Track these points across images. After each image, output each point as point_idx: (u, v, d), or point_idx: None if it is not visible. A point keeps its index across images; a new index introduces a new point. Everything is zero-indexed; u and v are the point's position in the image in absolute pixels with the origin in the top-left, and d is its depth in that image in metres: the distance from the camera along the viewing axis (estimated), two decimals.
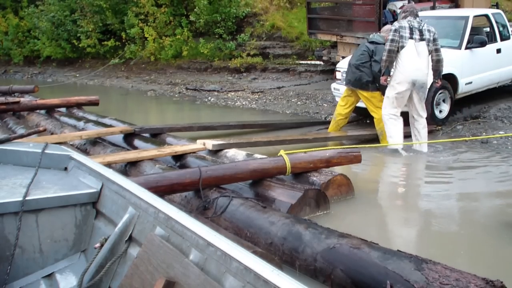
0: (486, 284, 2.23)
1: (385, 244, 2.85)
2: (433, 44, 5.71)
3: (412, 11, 5.83)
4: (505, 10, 10.31)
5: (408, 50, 5.67)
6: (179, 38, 14.40)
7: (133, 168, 4.63)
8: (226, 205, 3.57)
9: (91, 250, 2.24)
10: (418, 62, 5.69)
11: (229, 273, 1.45)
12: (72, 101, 8.35)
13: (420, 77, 5.71)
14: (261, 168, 4.08)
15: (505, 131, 6.61)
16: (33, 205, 2.24)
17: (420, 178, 5.13)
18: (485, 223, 4.00)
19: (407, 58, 5.68)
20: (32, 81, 16.10)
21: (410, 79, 5.70)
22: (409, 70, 5.70)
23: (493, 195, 4.73)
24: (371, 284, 2.51)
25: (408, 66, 5.69)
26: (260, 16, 13.89)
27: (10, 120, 7.32)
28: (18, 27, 18.73)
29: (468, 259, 3.30)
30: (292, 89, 10.81)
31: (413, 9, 5.91)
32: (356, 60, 6.35)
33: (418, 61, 5.68)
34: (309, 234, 2.97)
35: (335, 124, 6.71)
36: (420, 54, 5.67)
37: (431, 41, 5.70)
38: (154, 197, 1.98)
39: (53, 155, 2.66)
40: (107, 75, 15.63)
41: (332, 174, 4.30)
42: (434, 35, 5.71)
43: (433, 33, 5.71)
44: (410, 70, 5.70)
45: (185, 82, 13.10)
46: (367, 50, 6.31)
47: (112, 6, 15.76)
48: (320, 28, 10.64)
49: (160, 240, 1.76)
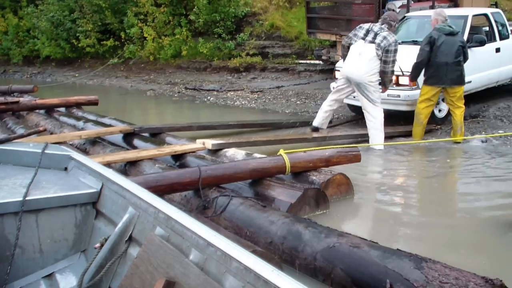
0: (485, 283, 2.23)
1: (384, 243, 2.85)
2: (383, 54, 5.82)
3: (385, 18, 6.12)
4: (504, 9, 10.30)
5: (353, 48, 6.02)
6: (178, 37, 14.40)
7: (132, 167, 4.63)
8: (225, 205, 3.58)
9: (91, 250, 2.24)
10: (356, 61, 5.92)
11: (229, 273, 1.45)
12: (72, 100, 8.34)
13: (354, 75, 5.94)
14: (261, 168, 4.08)
15: (504, 130, 6.61)
16: (33, 205, 2.24)
17: (420, 177, 5.13)
18: (485, 222, 4.00)
19: (349, 55, 6.06)
20: (31, 81, 16.09)
21: (345, 74, 6.08)
22: (346, 66, 6.07)
23: (493, 195, 4.74)
24: (371, 283, 2.51)
25: (347, 63, 6.08)
26: (260, 16, 13.89)
27: (9, 120, 7.31)
28: (17, 27, 18.71)
29: (467, 258, 3.30)
30: (291, 88, 10.81)
31: (387, 17, 6.12)
32: (455, 57, 6.09)
33: (356, 60, 5.93)
34: (308, 233, 2.98)
35: (422, 127, 6.37)
36: (362, 54, 5.89)
37: (382, 49, 5.80)
38: (154, 197, 1.98)
39: (53, 155, 2.66)
40: (106, 74, 15.62)
41: (331, 173, 4.30)
42: (388, 46, 5.82)
43: (388, 44, 5.82)
44: (346, 66, 6.07)
45: (185, 81, 13.10)
46: (461, 45, 6.17)
47: (112, 5, 15.74)
48: (320, 27, 10.63)
49: (160, 240, 1.76)
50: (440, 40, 6.06)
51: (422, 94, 6.27)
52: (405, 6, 9.55)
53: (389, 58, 5.87)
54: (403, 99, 6.66)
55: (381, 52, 5.82)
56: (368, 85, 5.92)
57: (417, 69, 6.25)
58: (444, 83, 6.15)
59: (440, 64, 6.08)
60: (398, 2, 9.95)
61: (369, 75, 5.89)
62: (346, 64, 6.12)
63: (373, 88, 5.96)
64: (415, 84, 6.58)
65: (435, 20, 6.27)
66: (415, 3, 9.99)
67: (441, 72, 6.10)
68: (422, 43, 6.23)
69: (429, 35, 6.16)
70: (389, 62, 5.89)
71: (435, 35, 6.09)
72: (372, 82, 5.94)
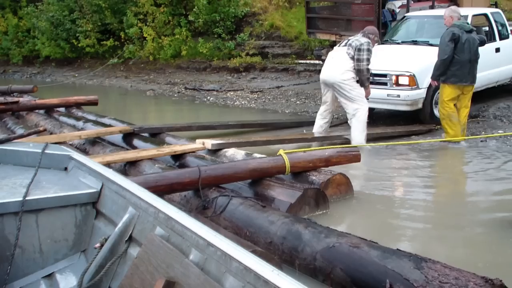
0: (485, 283, 2.23)
1: (384, 243, 2.85)
2: (355, 53, 5.89)
3: (364, 31, 6.19)
4: (504, 9, 10.31)
5: (328, 55, 6.34)
6: (178, 37, 14.41)
7: (132, 167, 4.63)
8: (225, 205, 3.58)
9: (91, 250, 2.24)
10: (330, 64, 6.13)
11: (229, 273, 1.45)
12: (71, 101, 8.34)
13: (327, 77, 6.11)
14: (261, 168, 4.08)
15: (504, 130, 6.62)
16: (33, 205, 2.24)
17: (419, 177, 5.13)
18: (485, 222, 4.01)
19: (325, 62, 6.33)
20: (31, 81, 16.10)
21: (321, 78, 6.26)
22: (322, 72, 6.25)
23: (493, 194, 4.74)
24: (371, 283, 2.51)
25: (322, 69, 6.26)
26: (259, 16, 13.90)
27: (9, 120, 7.31)
28: (17, 27, 18.72)
29: (467, 258, 3.30)
30: (291, 88, 10.81)
31: (366, 30, 6.20)
32: (475, 55, 6.03)
33: (330, 63, 6.14)
34: (308, 233, 2.98)
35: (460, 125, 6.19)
36: (335, 57, 6.09)
37: (353, 48, 5.89)
38: (154, 197, 1.98)
39: (53, 155, 2.66)
40: (106, 74, 15.62)
41: (331, 173, 4.30)
42: (360, 46, 5.90)
43: (360, 44, 5.91)
44: (322, 72, 6.24)
45: (184, 81, 13.10)
46: (479, 43, 6.11)
47: (111, 5, 15.76)
48: (319, 27, 10.64)
49: (160, 240, 1.76)
50: (464, 37, 5.91)
51: (446, 95, 6.07)
52: (405, 6, 9.57)
53: (362, 56, 5.90)
54: (403, 99, 6.66)
55: (353, 51, 5.90)
56: (343, 84, 5.96)
57: (441, 67, 5.99)
58: (467, 81, 6.04)
59: (464, 62, 5.94)
60: (398, 2, 9.97)
61: (341, 73, 5.94)
62: (322, 70, 6.28)
63: (348, 87, 5.97)
64: (415, 84, 6.58)
65: (450, 17, 6.12)
66: (415, 3, 10.01)
67: (464, 70, 5.97)
68: (444, 40, 5.97)
69: (451, 31, 5.94)
70: (362, 60, 5.91)
71: (457, 32, 5.92)
72: (345, 80, 5.96)
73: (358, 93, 6.01)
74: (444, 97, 6.10)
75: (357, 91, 6.01)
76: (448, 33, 5.96)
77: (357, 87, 6.01)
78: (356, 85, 6.01)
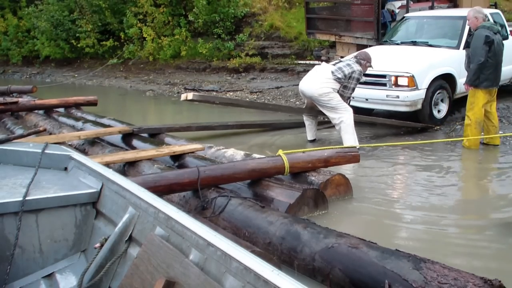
0: (484, 283, 2.24)
1: (383, 244, 2.86)
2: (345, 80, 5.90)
3: (356, 55, 6.24)
4: (503, 10, 10.32)
5: (315, 67, 6.43)
6: (177, 38, 14.41)
7: (131, 168, 4.63)
8: (224, 205, 3.58)
9: (91, 250, 2.24)
10: (310, 77, 6.14)
11: (229, 273, 1.46)
12: (71, 101, 8.34)
13: (305, 89, 6.12)
14: (260, 168, 4.09)
15: (503, 130, 6.61)
16: (33, 205, 2.24)
17: (418, 178, 5.13)
18: (484, 223, 4.01)
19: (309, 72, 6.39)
20: (30, 81, 16.09)
21: (299, 88, 6.30)
22: (302, 81, 6.27)
23: (492, 195, 4.75)
24: (370, 284, 2.52)
25: (304, 77, 6.30)
26: (259, 16, 13.90)
27: (8, 120, 7.31)
28: (17, 27, 18.71)
29: (466, 259, 3.31)
30: (290, 89, 10.80)
31: (358, 55, 6.22)
32: (501, 56, 5.87)
33: (310, 76, 6.18)
34: (307, 234, 2.98)
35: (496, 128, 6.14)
36: (318, 72, 6.14)
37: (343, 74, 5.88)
38: (154, 197, 1.98)
39: (53, 155, 2.66)
40: (105, 75, 15.62)
41: (330, 174, 4.31)
42: (352, 73, 5.91)
43: (352, 71, 5.91)
44: (302, 80, 6.27)
45: (184, 82, 13.10)
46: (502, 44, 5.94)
47: (111, 6, 15.77)
48: (319, 28, 10.65)
49: (160, 240, 1.76)
50: (496, 40, 5.70)
51: (480, 100, 5.83)
52: (404, 7, 9.57)
53: (350, 85, 5.95)
54: (402, 100, 6.66)
55: (342, 75, 5.86)
56: (320, 98, 5.94)
57: (478, 71, 5.69)
58: (497, 84, 5.93)
59: (497, 65, 5.80)
60: (397, 3, 9.97)
61: (318, 88, 5.91)
62: (302, 80, 6.29)
63: (326, 99, 5.92)
64: (414, 85, 6.58)
65: (475, 18, 5.84)
66: (415, 4, 10.01)
67: (496, 73, 5.82)
68: (478, 43, 5.67)
69: (483, 34, 5.64)
70: (349, 88, 5.98)
71: (491, 35, 5.64)
72: (322, 94, 5.91)
73: (337, 101, 5.93)
74: (478, 103, 5.84)
75: (336, 99, 5.93)
76: (481, 36, 5.65)
77: (336, 96, 5.94)
78: (335, 94, 5.93)
